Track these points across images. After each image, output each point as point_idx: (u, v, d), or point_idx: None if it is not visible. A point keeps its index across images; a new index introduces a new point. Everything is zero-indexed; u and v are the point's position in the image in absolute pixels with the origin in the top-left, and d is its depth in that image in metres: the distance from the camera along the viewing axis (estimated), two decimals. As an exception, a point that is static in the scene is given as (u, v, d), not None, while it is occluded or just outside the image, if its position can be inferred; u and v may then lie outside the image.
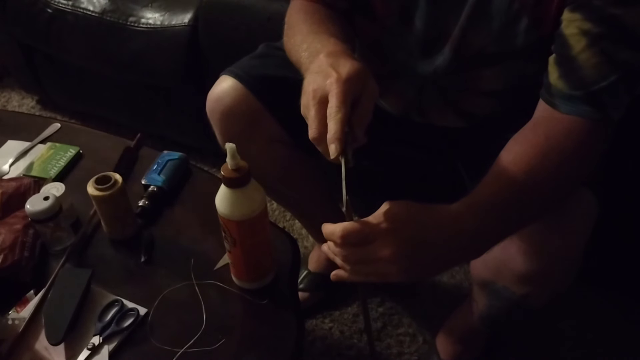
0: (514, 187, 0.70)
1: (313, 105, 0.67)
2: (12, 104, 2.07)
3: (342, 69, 0.66)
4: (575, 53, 0.70)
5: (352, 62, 0.68)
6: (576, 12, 0.70)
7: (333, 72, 0.66)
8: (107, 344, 0.82)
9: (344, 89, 0.65)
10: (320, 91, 0.66)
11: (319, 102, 0.66)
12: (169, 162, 1.08)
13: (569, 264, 0.83)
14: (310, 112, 0.67)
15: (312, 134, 0.67)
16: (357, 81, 0.66)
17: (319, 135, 0.66)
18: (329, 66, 0.68)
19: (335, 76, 0.66)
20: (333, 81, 0.65)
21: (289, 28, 0.88)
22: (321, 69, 0.69)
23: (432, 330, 1.29)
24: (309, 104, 0.67)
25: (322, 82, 0.66)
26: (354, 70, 0.66)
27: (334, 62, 0.68)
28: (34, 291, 0.89)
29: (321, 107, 0.66)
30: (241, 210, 0.79)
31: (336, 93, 0.65)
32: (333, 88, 0.65)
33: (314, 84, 0.67)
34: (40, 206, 0.91)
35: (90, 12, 1.58)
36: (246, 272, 0.88)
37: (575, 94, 0.71)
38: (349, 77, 0.66)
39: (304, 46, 0.79)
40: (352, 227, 0.66)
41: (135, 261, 0.95)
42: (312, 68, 0.71)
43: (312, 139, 0.67)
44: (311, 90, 0.67)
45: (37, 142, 1.19)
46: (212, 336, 0.83)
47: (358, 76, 0.66)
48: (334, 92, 0.65)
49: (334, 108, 0.64)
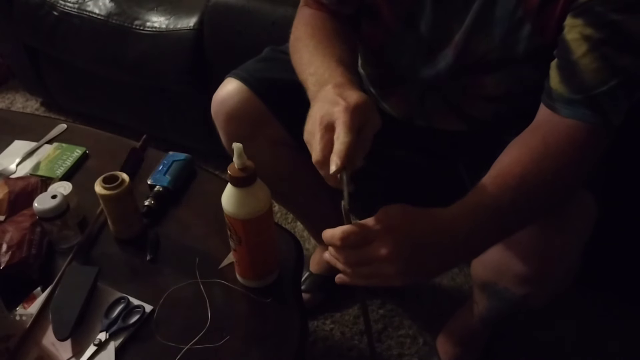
0: (509, 189, 0.71)
1: (319, 130, 0.69)
2: (16, 106, 2.08)
3: (350, 99, 0.69)
4: (576, 58, 0.72)
5: (359, 93, 0.71)
6: (578, 17, 0.71)
7: (341, 100, 0.69)
8: (114, 340, 0.83)
9: (352, 117, 0.67)
10: (327, 117, 0.69)
11: (325, 128, 0.69)
12: (174, 163, 1.09)
13: (568, 265, 0.84)
14: (316, 136, 0.69)
15: (316, 157, 0.69)
16: (363, 111, 0.69)
17: (322, 159, 0.68)
18: (336, 95, 0.70)
19: (343, 105, 0.68)
20: (341, 109, 0.68)
21: (296, 40, 0.90)
22: (328, 98, 0.71)
23: (432, 332, 1.30)
24: (315, 130, 0.70)
25: (329, 109, 0.69)
26: (361, 101, 0.69)
27: (341, 92, 0.71)
28: (41, 288, 0.91)
29: (326, 132, 0.69)
30: (247, 209, 0.81)
31: (344, 121, 0.67)
32: (341, 116, 0.67)
33: (321, 111, 0.70)
34: (48, 204, 0.92)
35: (96, 15, 1.60)
36: (251, 270, 0.90)
37: (576, 98, 0.73)
38: (356, 106, 0.68)
39: (312, 69, 0.81)
40: (350, 229, 0.68)
41: (141, 260, 0.96)
42: (320, 97, 0.73)
43: (315, 163, 0.70)
44: (318, 117, 0.70)
45: (44, 142, 1.20)
46: (217, 333, 0.84)
47: (365, 106, 0.69)
48: (341, 119, 0.67)
49: (342, 133, 0.66)
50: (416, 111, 1.00)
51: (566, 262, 0.83)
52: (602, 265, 1.19)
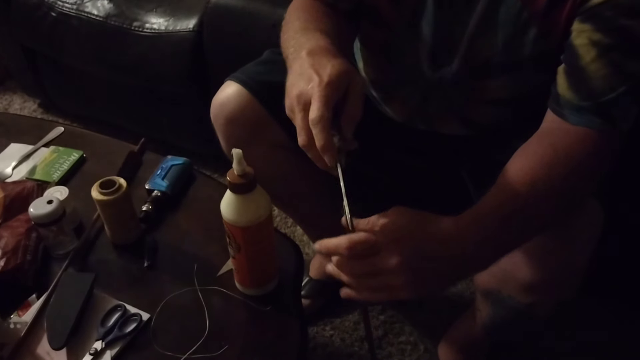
0: (518, 199, 0.70)
1: (299, 112, 0.67)
2: (13, 107, 2.07)
3: (324, 71, 0.67)
4: (585, 63, 0.71)
5: (333, 62, 0.68)
6: (587, 22, 0.70)
7: (314, 75, 0.67)
8: (110, 349, 0.82)
9: (325, 93, 0.65)
10: (303, 96, 0.67)
11: (303, 109, 0.67)
12: (173, 167, 1.08)
13: (575, 273, 0.83)
14: (297, 118, 0.68)
15: (302, 141, 0.67)
16: (339, 82, 0.67)
17: (308, 143, 0.67)
18: (310, 67, 0.68)
19: (316, 80, 0.66)
20: (315, 85, 0.66)
21: (285, 24, 0.88)
22: (303, 70, 0.69)
23: (433, 339, 1.29)
24: (294, 109, 0.68)
25: (304, 87, 0.67)
26: (335, 72, 0.66)
27: (315, 62, 0.69)
28: (36, 295, 0.89)
29: (307, 114, 0.66)
30: (246, 216, 0.79)
31: (318, 97, 0.65)
32: (315, 92, 0.66)
33: (297, 89, 0.68)
34: (44, 210, 0.91)
35: (94, 16, 1.58)
36: (250, 278, 0.88)
37: (584, 105, 0.71)
38: (330, 81, 0.66)
39: (292, 42, 0.79)
40: (358, 237, 0.66)
41: (138, 266, 0.94)
42: (295, 68, 0.71)
43: (302, 146, 0.68)
44: (295, 96, 0.68)
45: (41, 145, 1.18)
46: (215, 342, 0.82)
47: (339, 77, 0.67)
48: (315, 96, 0.65)
49: (315, 112, 0.65)
50: (418, 115, 0.99)
51: (573, 270, 0.82)
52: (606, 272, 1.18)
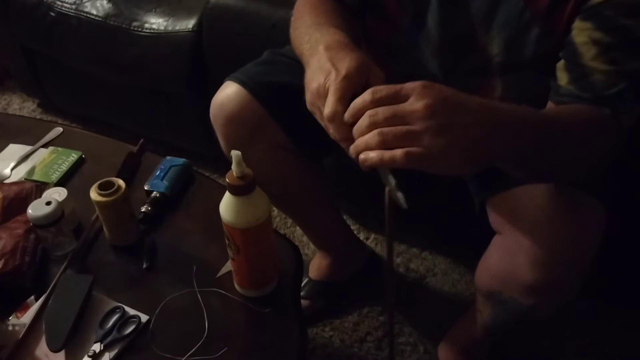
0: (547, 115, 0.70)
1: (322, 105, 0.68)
2: (12, 107, 2.06)
3: (341, 65, 0.68)
4: (585, 61, 0.71)
5: (351, 56, 0.69)
6: (587, 21, 0.71)
7: (332, 68, 0.68)
8: (108, 351, 0.81)
9: (341, 86, 0.66)
10: (322, 89, 0.68)
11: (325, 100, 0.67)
12: (172, 168, 1.07)
13: (577, 274, 0.82)
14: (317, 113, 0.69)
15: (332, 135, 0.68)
16: (357, 75, 0.67)
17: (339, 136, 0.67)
18: (328, 61, 0.69)
19: (334, 73, 0.67)
20: (332, 78, 0.67)
21: (294, 20, 0.88)
22: (321, 64, 0.70)
23: (433, 340, 1.28)
24: (315, 103, 0.69)
25: (323, 80, 0.68)
26: (353, 65, 0.67)
27: (333, 56, 0.70)
28: (34, 297, 0.89)
29: None
30: (246, 218, 0.79)
31: (333, 90, 0.66)
32: (331, 85, 0.67)
33: (316, 82, 0.69)
34: (42, 211, 0.90)
35: (93, 16, 1.58)
36: (249, 280, 0.88)
37: (586, 96, 0.72)
38: (347, 74, 0.67)
39: (306, 38, 0.80)
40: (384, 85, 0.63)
41: (137, 267, 0.94)
42: (312, 63, 0.72)
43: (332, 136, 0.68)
44: (315, 89, 0.69)
45: (39, 146, 1.18)
46: (214, 344, 0.82)
47: (357, 70, 0.67)
48: (331, 89, 0.66)
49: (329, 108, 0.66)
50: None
51: (575, 271, 0.81)
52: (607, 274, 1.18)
